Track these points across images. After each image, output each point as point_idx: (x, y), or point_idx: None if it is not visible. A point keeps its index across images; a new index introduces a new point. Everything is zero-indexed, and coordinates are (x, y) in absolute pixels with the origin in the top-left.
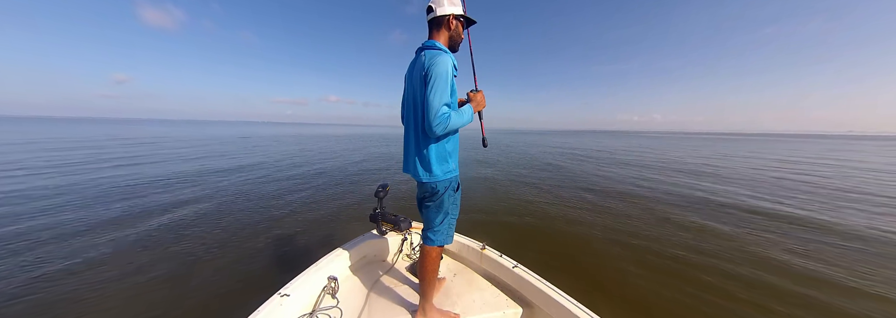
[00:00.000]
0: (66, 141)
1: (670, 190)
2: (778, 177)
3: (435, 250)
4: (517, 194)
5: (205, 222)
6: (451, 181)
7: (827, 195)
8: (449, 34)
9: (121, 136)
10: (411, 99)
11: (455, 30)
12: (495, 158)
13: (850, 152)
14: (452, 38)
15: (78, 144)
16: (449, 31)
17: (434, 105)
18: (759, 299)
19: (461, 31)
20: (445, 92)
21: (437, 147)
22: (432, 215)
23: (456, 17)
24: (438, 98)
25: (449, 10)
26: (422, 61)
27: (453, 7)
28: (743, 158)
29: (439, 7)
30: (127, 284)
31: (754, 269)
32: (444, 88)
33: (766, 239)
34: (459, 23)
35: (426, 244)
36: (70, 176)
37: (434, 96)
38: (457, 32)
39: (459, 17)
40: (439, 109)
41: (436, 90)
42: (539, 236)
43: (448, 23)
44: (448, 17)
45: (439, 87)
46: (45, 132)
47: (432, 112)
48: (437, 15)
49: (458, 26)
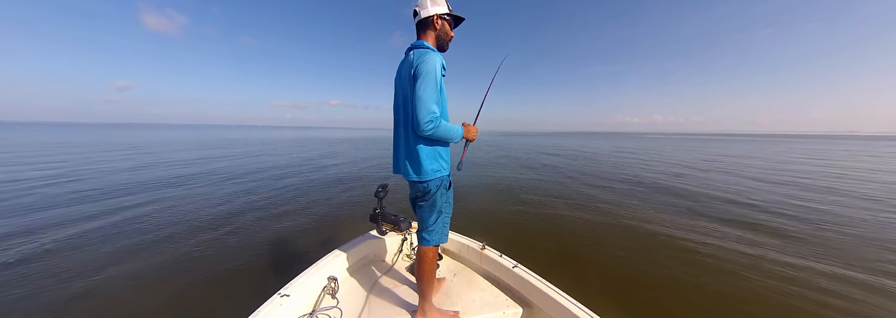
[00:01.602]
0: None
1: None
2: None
3: (431, 251)
4: (518, 194)
5: (205, 222)
6: (443, 180)
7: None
8: (436, 34)
9: (127, 140)
10: (401, 99)
11: (441, 29)
12: (495, 158)
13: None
14: (440, 37)
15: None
16: (435, 31)
17: (424, 100)
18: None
19: (448, 29)
20: (434, 89)
21: (428, 146)
22: (426, 214)
23: (441, 16)
24: (428, 94)
25: (433, 11)
26: (410, 60)
27: (437, 7)
28: (755, 158)
29: (423, 9)
30: (127, 284)
31: (760, 280)
32: (432, 85)
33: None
34: (445, 21)
35: (422, 245)
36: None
37: (423, 92)
38: (444, 31)
39: (444, 15)
40: (430, 105)
41: (425, 86)
42: (539, 235)
43: (433, 23)
44: (432, 18)
45: (428, 83)
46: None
47: (423, 108)
48: (422, 17)
49: (445, 25)
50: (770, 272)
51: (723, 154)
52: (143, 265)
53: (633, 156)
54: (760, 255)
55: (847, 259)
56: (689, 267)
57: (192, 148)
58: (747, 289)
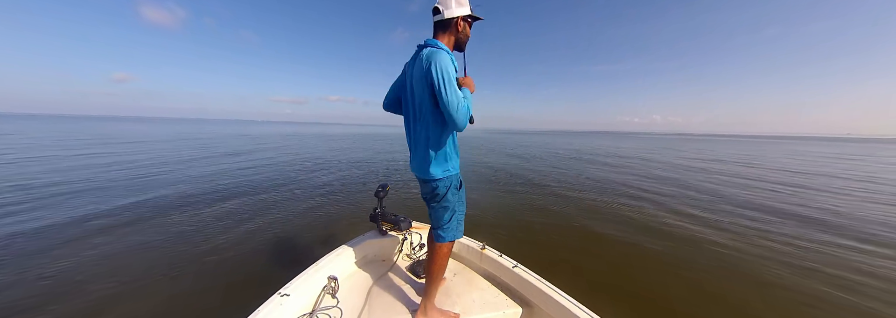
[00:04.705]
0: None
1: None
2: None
3: (446, 247)
4: (518, 194)
5: (204, 221)
6: (453, 180)
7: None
8: (456, 37)
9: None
10: (412, 96)
11: (462, 31)
12: (496, 157)
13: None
14: (459, 39)
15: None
16: (456, 34)
17: (453, 104)
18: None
19: (468, 31)
20: (456, 90)
21: (438, 145)
22: (440, 214)
23: (464, 18)
24: (454, 96)
25: (457, 13)
26: (422, 58)
27: (461, 8)
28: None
29: (447, 9)
30: (127, 284)
31: (755, 286)
32: (453, 85)
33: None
34: (467, 24)
35: (437, 241)
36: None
37: (450, 97)
38: (464, 34)
39: (467, 17)
40: (458, 106)
41: (449, 92)
42: (540, 235)
43: (455, 25)
44: (456, 20)
45: (450, 88)
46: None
47: (454, 110)
48: (445, 18)
49: (466, 28)
50: (771, 273)
51: (715, 156)
52: (143, 265)
53: (646, 158)
54: (759, 254)
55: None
56: (689, 265)
57: (194, 146)
58: (748, 289)
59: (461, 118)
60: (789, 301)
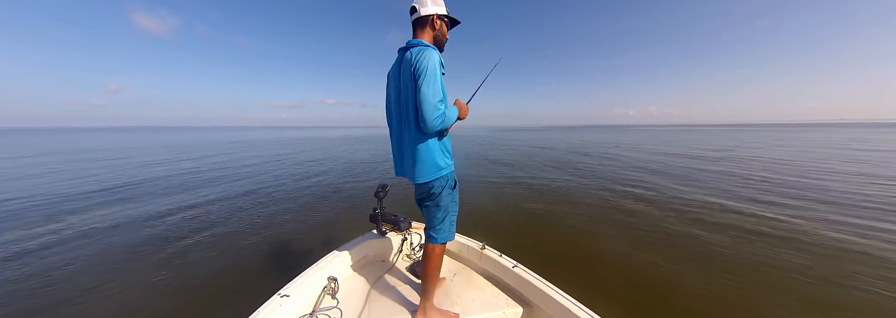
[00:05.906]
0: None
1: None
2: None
3: (439, 248)
4: (517, 194)
5: (204, 223)
6: (447, 179)
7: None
8: (434, 34)
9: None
10: (397, 99)
11: (440, 30)
12: (497, 156)
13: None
14: (437, 37)
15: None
16: (434, 31)
17: (429, 99)
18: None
19: (445, 31)
20: (438, 85)
21: (429, 146)
22: (433, 214)
23: (440, 17)
24: (432, 91)
25: (433, 10)
26: (408, 58)
27: (437, 7)
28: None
29: (423, 7)
30: (127, 284)
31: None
32: (435, 82)
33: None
34: (444, 23)
35: (429, 243)
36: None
37: (428, 89)
38: (441, 32)
39: (443, 17)
40: (435, 103)
41: (428, 84)
42: (540, 235)
43: (432, 22)
44: (432, 17)
45: (430, 80)
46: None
47: (429, 106)
48: (422, 15)
49: (443, 26)
50: (771, 272)
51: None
52: (142, 265)
53: (641, 151)
54: (761, 254)
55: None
56: (690, 261)
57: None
58: (748, 289)
59: (430, 114)
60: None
